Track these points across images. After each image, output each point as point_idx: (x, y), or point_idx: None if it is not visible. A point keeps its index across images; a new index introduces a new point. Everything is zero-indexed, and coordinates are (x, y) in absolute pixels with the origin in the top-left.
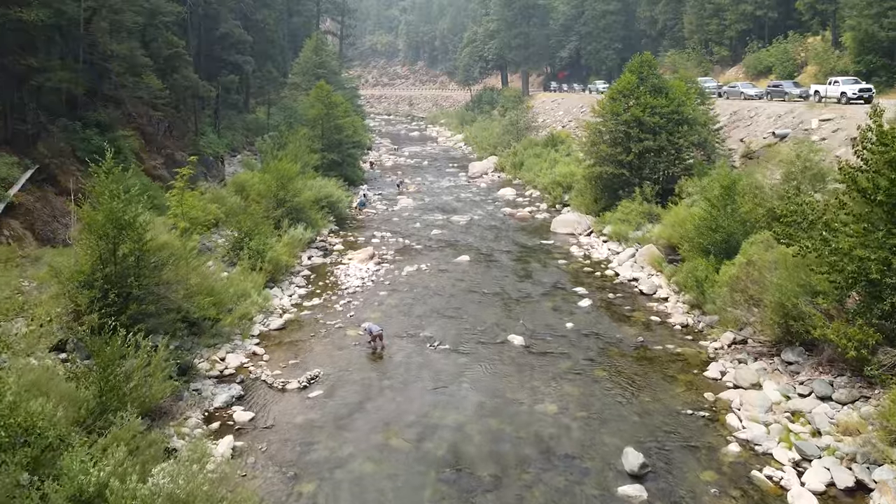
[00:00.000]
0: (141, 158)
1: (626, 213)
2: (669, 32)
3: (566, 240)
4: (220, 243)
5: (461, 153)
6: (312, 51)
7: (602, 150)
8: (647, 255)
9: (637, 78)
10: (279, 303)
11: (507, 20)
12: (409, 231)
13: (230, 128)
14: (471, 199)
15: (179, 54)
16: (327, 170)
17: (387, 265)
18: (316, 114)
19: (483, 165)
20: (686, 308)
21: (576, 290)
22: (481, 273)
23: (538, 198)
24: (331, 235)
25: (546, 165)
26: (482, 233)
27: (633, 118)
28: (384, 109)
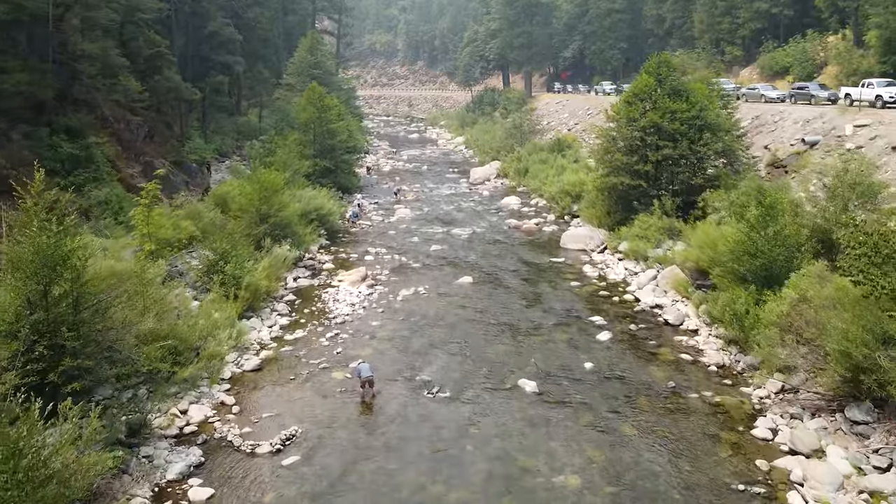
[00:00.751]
0: (117, 167)
1: (643, 229)
2: (678, 31)
3: (578, 257)
4: (194, 266)
5: (462, 157)
6: (307, 50)
7: (616, 159)
8: (671, 279)
9: (655, 80)
10: (257, 336)
11: (509, 19)
12: (406, 246)
13: (219, 131)
14: (472, 208)
15: (162, 54)
16: (320, 177)
17: (381, 288)
18: (307, 118)
19: (485, 171)
20: (720, 344)
21: (592, 319)
22: (485, 297)
23: (545, 207)
24: (321, 252)
25: (553, 172)
26: (485, 248)
27: (651, 124)
28: (383, 110)
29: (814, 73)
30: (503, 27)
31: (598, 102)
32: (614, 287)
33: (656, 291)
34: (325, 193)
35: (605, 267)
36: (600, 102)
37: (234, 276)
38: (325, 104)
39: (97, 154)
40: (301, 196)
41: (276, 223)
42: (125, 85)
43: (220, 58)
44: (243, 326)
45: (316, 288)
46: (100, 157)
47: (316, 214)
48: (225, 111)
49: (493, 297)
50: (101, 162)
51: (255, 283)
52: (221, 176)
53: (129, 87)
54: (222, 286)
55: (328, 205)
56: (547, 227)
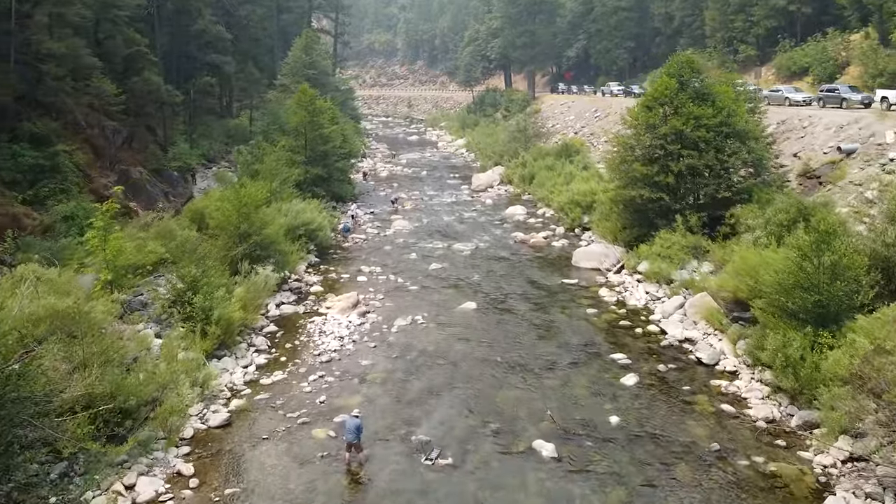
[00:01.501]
0: (89, 176)
1: (665, 247)
2: (687, 30)
3: (592, 278)
4: (161, 295)
5: (463, 161)
6: (302, 50)
7: (634, 170)
8: (701, 308)
9: (676, 82)
10: (228, 380)
11: (511, 17)
12: (403, 264)
13: (207, 135)
14: (475, 219)
15: (141, 54)
16: (311, 186)
17: (373, 316)
18: (298, 122)
19: (488, 177)
20: (766, 391)
21: (614, 357)
22: (491, 328)
23: (553, 219)
24: (309, 272)
25: (561, 180)
26: (490, 266)
27: (673, 131)
28: (382, 111)
29: (836, 74)
30: (505, 26)
31: (605, 104)
32: (635, 315)
33: (685, 322)
34: (316, 205)
35: (623, 290)
36: (608, 104)
37: (203, 309)
38: (316, 107)
39: (65, 163)
40: (288, 210)
41: (257, 243)
42: (99, 87)
43: (208, 57)
44: (212, 370)
45: (301, 316)
46: (68, 167)
47: (304, 230)
48: (214, 114)
49: (499, 328)
50: (69, 171)
51: (229, 315)
52: (207, 184)
53: (102, 90)
54: (189, 320)
55: (318, 219)
56: (556, 242)
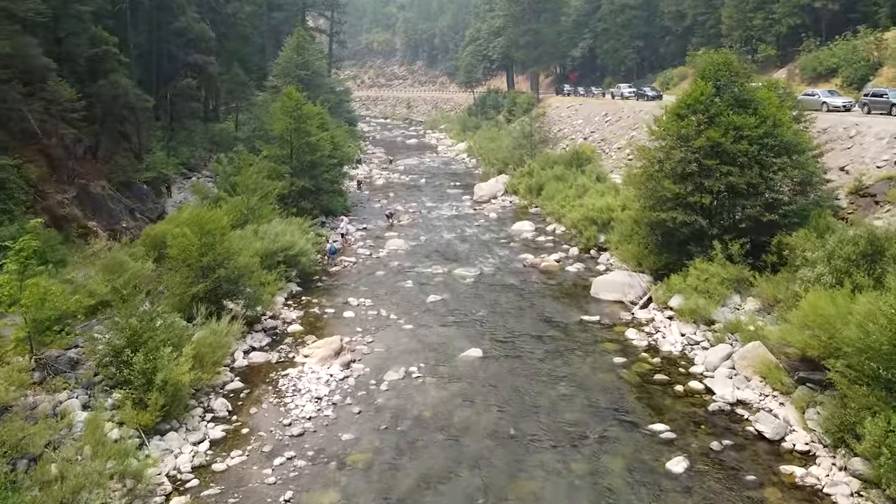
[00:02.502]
0: (42, 192)
1: (701, 279)
2: (700, 29)
3: (615, 314)
4: (97, 350)
5: (464, 167)
6: (294, 49)
7: (664, 188)
8: (754, 361)
9: (713, 86)
10: (172, 465)
11: (514, 15)
12: (397, 295)
13: (188, 142)
14: (478, 236)
15: (109, 54)
16: (297, 200)
17: (359, 366)
18: (282, 129)
19: (491, 187)
20: (857, 486)
21: (654, 428)
22: (501, 384)
23: (565, 237)
24: (288, 305)
25: (572, 193)
26: (496, 298)
27: (710, 143)
28: (380, 112)
29: (868, 76)
30: (508, 24)
31: (616, 107)
32: (672, 366)
33: (735, 379)
34: (299, 225)
35: (653, 331)
36: (619, 107)
37: (144, 372)
38: (303, 113)
39: (10, 178)
40: (265, 232)
41: (223, 277)
42: (54, 91)
43: (189, 58)
44: (147, 461)
45: (273, 367)
46: (14, 183)
47: (284, 256)
48: (198, 118)
49: (511, 384)
50: (14, 188)
51: (176, 379)
52: (184, 196)
53: (58, 94)
54: (126, 386)
55: (300, 243)
56: (571, 267)
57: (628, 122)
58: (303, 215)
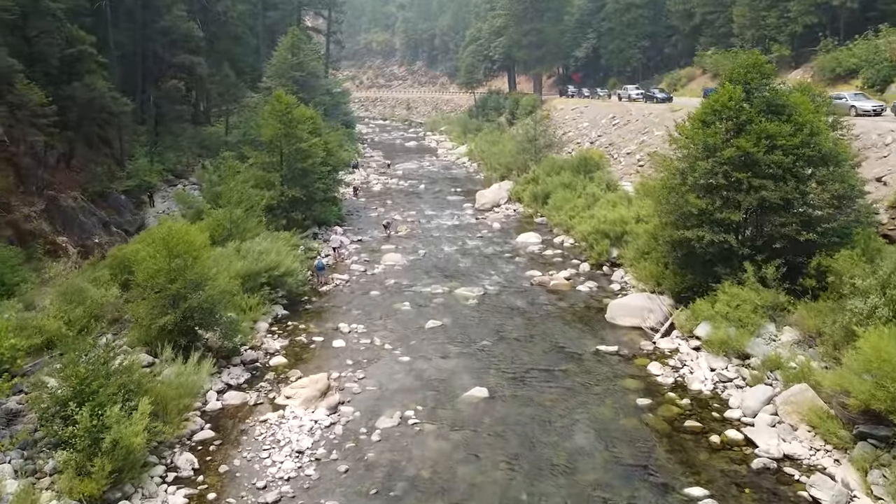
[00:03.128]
0: (6, 205)
1: (732, 305)
2: (709, 28)
3: (634, 342)
4: (43, 402)
5: (465, 172)
6: (288, 49)
7: (689, 203)
8: (801, 407)
9: (743, 90)
10: None
11: (516, 15)
12: (393, 319)
13: (175, 147)
14: (481, 249)
15: (85, 54)
16: (288, 210)
17: (349, 410)
18: (271, 135)
19: (494, 194)
20: None
21: (691, 492)
22: (510, 433)
23: (574, 250)
24: (272, 331)
25: (581, 203)
26: (502, 323)
27: (741, 154)
28: (379, 113)
29: (892, 77)
30: (510, 24)
31: (623, 110)
32: (704, 408)
33: (779, 428)
34: (287, 240)
35: (679, 365)
36: (626, 110)
37: (89, 431)
38: (293, 117)
39: None
40: (248, 250)
41: (194, 308)
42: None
43: (176, 58)
44: None
45: (251, 411)
46: None
47: (268, 276)
48: (187, 121)
49: (521, 433)
50: None
51: (128, 441)
52: (168, 206)
53: (25, 98)
54: (70, 446)
55: (286, 261)
56: (582, 286)
57: (637, 125)
58: (293, 227)
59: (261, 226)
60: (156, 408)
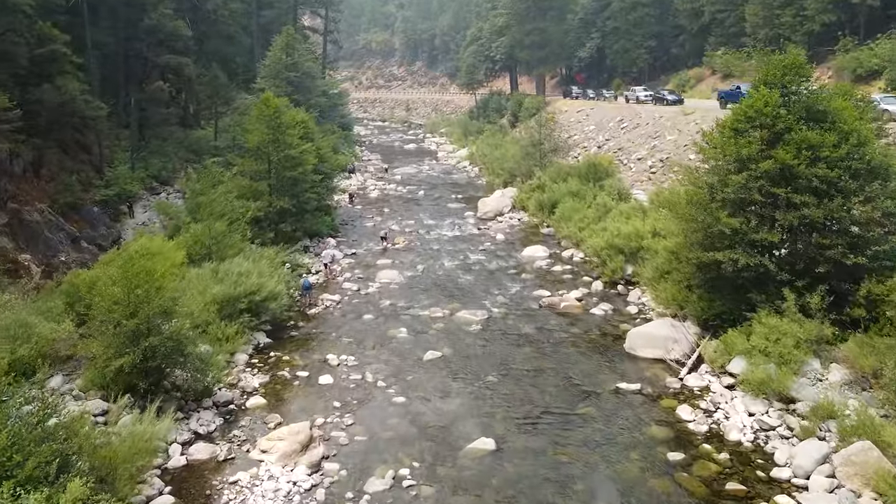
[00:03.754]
0: None
1: (770, 338)
2: (719, 27)
3: (658, 378)
4: None
5: (466, 177)
6: (282, 49)
7: (720, 221)
8: (864, 469)
9: (780, 95)
10: None
11: (518, 14)
12: (388, 349)
13: (160, 152)
14: (484, 265)
15: (57, 54)
16: (276, 222)
17: (334, 467)
18: (258, 141)
19: (497, 202)
20: None
21: None
22: (522, 496)
23: (584, 265)
24: (250, 365)
25: (592, 214)
26: (509, 355)
27: (779, 167)
28: (378, 115)
29: None
30: (512, 23)
31: (632, 112)
32: (746, 464)
33: (840, 494)
34: (271, 259)
35: (712, 408)
36: (635, 112)
37: None
38: (282, 122)
39: None
40: (227, 272)
41: (155, 347)
42: None
43: (161, 59)
44: None
45: (220, 467)
46: None
47: (248, 302)
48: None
49: (534, 497)
50: None
51: None
52: (150, 216)
53: None
54: None
55: (270, 284)
56: (596, 308)
57: (647, 129)
58: (282, 241)
59: (245, 241)
60: (103, 472)
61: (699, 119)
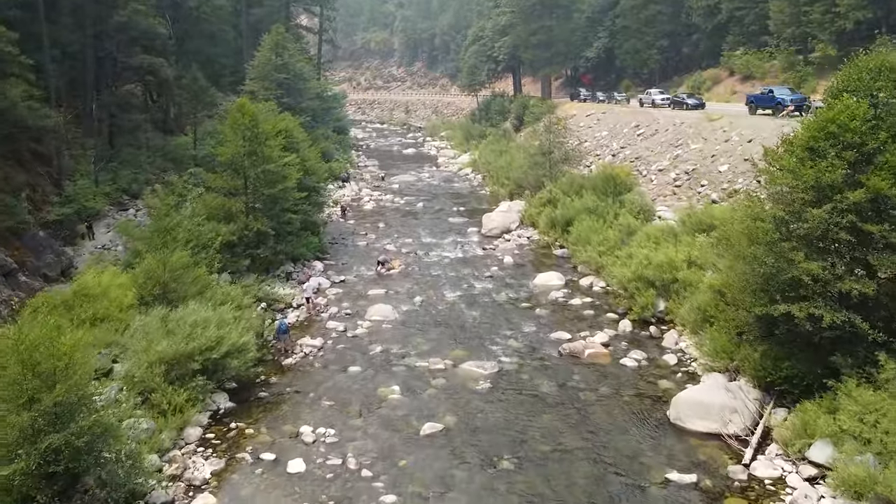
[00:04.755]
0: None
1: (865, 419)
2: (737, 26)
3: (717, 463)
4: None
5: (468, 186)
6: (271, 50)
7: (794, 265)
8: None
9: (869, 104)
10: None
11: (524, 12)
12: (376, 417)
13: (132, 162)
14: (492, 296)
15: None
16: (253, 247)
17: None
18: (232, 154)
19: (503, 218)
20: None
21: None
22: None
23: (605, 295)
24: (204, 440)
25: (614, 235)
26: (527, 426)
27: (872, 196)
28: (377, 117)
29: None
30: (516, 22)
31: (648, 118)
32: None
33: None
34: (238, 300)
35: None
36: (652, 118)
37: None
38: (260, 132)
39: None
40: (179, 322)
41: (63, 444)
42: None
43: (133, 60)
44: None
45: None
46: None
47: (202, 361)
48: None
49: None
50: None
51: None
52: (113, 237)
53: None
54: None
55: (232, 335)
56: (627, 358)
57: (668, 136)
58: (260, 268)
59: (212, 274)
60: None
61: (727, 126)
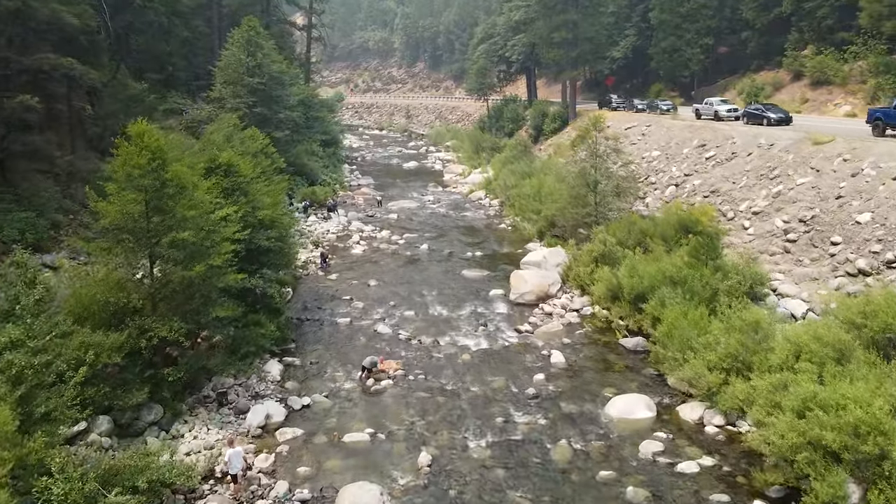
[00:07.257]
0: None
1: None
2: (806, 19)
3: None
4: None
5: (483, 216)
6: (241, 48)
7: None
8: None
9: None
10: None
11: (545, 5)
12: None
13: (30, 200)
14: (546, 445)
15: None
16: (156, 366)
17: None
18: (123, 216)
19: (538, 279)
20: None
21: None
22: None
23: (736, 449)
24: None
25: (735, 343)
26: None
27: None
28: (375, 122)
29: None
30: (537, 16)
31: (715, 135)
32: None
33: None
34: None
35: None
36: (721, 135)
37: None
38: (170, 178)
39: None
40: None
41: None
42: None
43: (30, 60)
44: None
45: None
46: None
47: None
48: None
49: None
50: None
51: None
52: None
53: None
54: None
55: None
56: None
57: (753, 163)
58: (171, 398)
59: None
60: None
61: (847, 153)
